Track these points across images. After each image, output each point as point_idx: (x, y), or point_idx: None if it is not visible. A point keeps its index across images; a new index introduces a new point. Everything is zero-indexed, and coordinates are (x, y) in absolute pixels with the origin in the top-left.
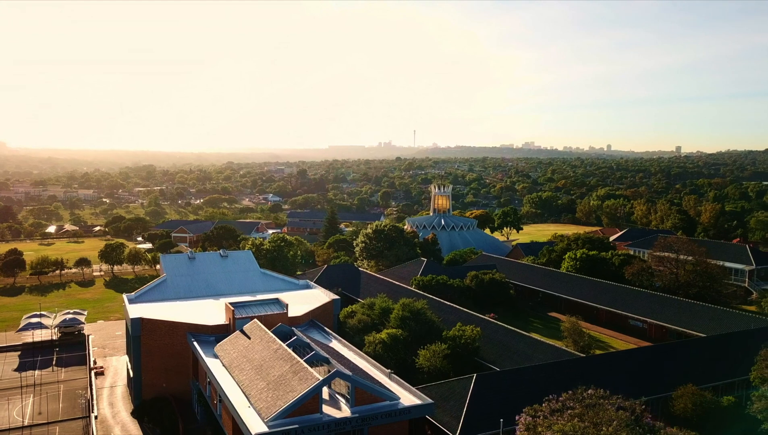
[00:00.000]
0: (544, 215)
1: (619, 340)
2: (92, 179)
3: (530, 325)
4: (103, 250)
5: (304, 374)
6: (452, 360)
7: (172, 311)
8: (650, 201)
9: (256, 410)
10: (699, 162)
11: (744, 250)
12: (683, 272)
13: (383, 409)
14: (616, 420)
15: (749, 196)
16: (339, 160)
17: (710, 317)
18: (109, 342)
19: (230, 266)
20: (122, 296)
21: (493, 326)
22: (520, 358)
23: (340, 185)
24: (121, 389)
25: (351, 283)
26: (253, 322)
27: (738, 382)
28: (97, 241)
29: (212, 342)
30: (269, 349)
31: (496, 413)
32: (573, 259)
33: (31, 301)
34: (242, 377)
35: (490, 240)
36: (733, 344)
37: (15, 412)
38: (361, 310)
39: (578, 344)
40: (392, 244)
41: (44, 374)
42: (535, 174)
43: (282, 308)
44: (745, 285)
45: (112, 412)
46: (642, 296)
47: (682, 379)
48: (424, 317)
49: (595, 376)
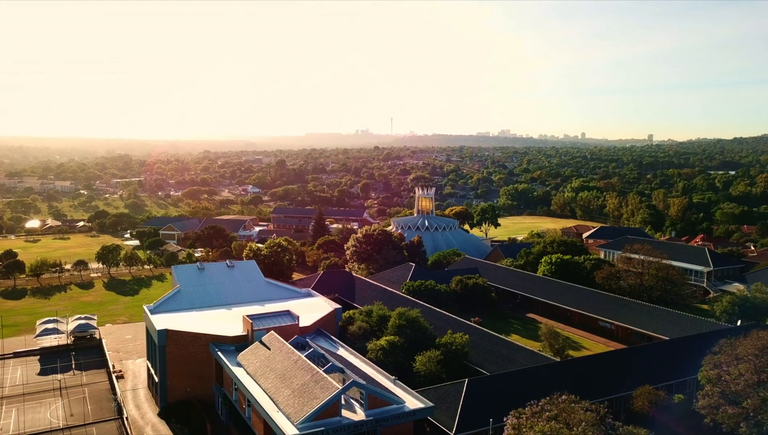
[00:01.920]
0: (520, 207)
1: (590, 341)
2: (68, 170)
3: (510, 326)
4: (100, 252)
5: (324, 383)
6: (445, 364)
7: (192, 322)
8: (622, 193)
9: (285, 414)
10: (670, 151)
11: (703, 252)
12: (647, 277)
13: (392, 412)
14: (585, 421)
15: (716, 187)
16: (317, 149)
17: (669, 321)
18: (122, 346)
19: (237, 276)
20: (143, 307)
21: (479, 332)
22: (503, 361)
23: (319, 176)
24: (143, 392)
25: (346, 288)
26: (270, 334)
27: (689, 380)
28: (82, 237)
29: (233, 351)
30: (289, 360)
31: (485, 413)
32: (549, 263)
33: (36, 304)
34: (268, 385)
35: (472, 239)
36: (687, 346)
37: (49, 413)
38: (360, 317)
39: (554, 347)
40: (381, 248)
41: (67, 378)
42: (511, 164)
43: (293, 320)
44: (703, 285)
45: (139, 413)
46: (610, 300)
47: (641, 380)
48: (418, 325)
49: (570, 379)
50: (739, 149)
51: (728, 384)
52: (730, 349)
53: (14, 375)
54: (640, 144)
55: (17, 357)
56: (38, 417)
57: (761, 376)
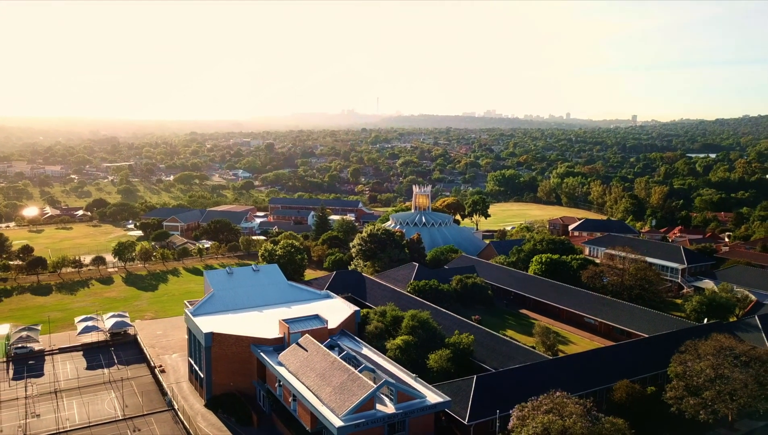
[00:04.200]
0: (507, 193)
1: (576, 335)
2: (57, 154)
3: (506, 322)
4: (117, 248)
5: (360, 382)
6: (454, 361)
7: (230, 324)
8: (606, 179)
9: (329, 408)
10: (653, 133)
11: (678, 250)
12: (628, 276)
13: (417, 406)
14: (575, 413)
15: (697, 172)
16: (305, 131)
17: (646, 319)
18: (155, 341)
19: (262, 279)
20: (185, 310)
21: (481, 331)
22: (503, 358)
23: (309, 160)
24: (185, 385)
25: (357, 288)
26: (306, 337)
27: (660, 374)
28: (85, 227)
29: (272, 352)
30: (326, 361)
31: (492, 404)
32: (539, 262)
33: (64, 300)
34: (310, 382)
35: (465, 234)
36: (660, 344)
37: (106, 405)
38: (375, 317)
39: (546, 344)
40: (384, 246)
41: (112, 372)
42: (497, 147)
43: (323, 323)
44: (678, 281)
45: (187, 404)
46: (594, 299)
47: (621, 374)
48: (428, 326)
49: (561, 374)
50: (721, 131)
51: (691, 378)
52: (694, 349)
53: (65, 369)
54: (624, 124)
55: (62, 353)
56: (98, 408)
57: (718, 372)
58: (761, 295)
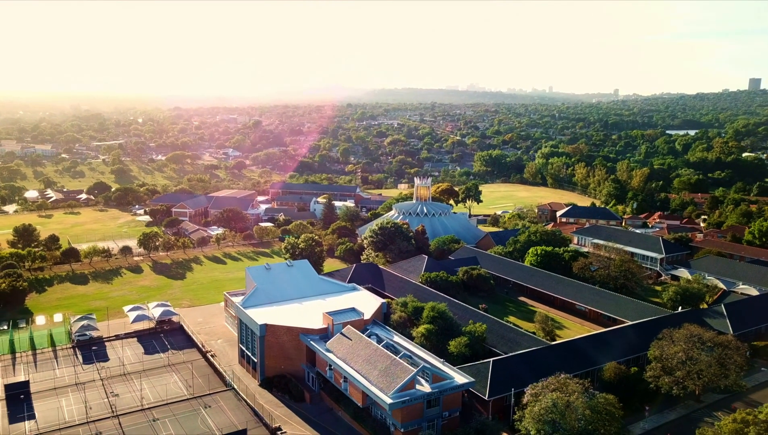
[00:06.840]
0: (494, 172)
1: (569, 321)
2: (45, 132)
3: (508, 309)
4: (142, 239)
5: (402, 367)
6: (469, 347)
7: (278, 316)
8: (589, 159)
9: (378, 388)
10: (634, 108)
11: (657, 241)
12: (613, 268)
13: (449, 385)
14: (576, 391)
15: (676, 151)
16: (290, 106)
17: (630, 308)
18: (198, 328)
19: (296, 274)
20: (236, 305)
21: (490, 320)
22: (511, 343)
23: (297, 138)
24: (237, 368)
25: (376, 280)
26: (348, 328)
27: (642, 356)
28: (92, 211)
29: (318, 340)
30: (370, 349)
31: (508, 383)
32: (535, 254)
33: (104, 289)
34: (358, 367)
35: (464, 223)
36: (642, 330)
37: (172, 385)
38: (398, 307)
39: (545, 330)
40: (394, 239)
41: (169, 356)
42: (483, 125)
43: (359, 315)
44: (657, 269)
45: (242, 385)
46: (584, 289)
47: (609, 357)
48: (446, 316)
49: (561, 357)
50: (701, 106)
51: (667, 360)
52: (669, 336)
53: (126, 354)
54: (606, 99)
55: (118, 339)
56: (167, 389)
57: (688, 355)
58: (729, 283)
